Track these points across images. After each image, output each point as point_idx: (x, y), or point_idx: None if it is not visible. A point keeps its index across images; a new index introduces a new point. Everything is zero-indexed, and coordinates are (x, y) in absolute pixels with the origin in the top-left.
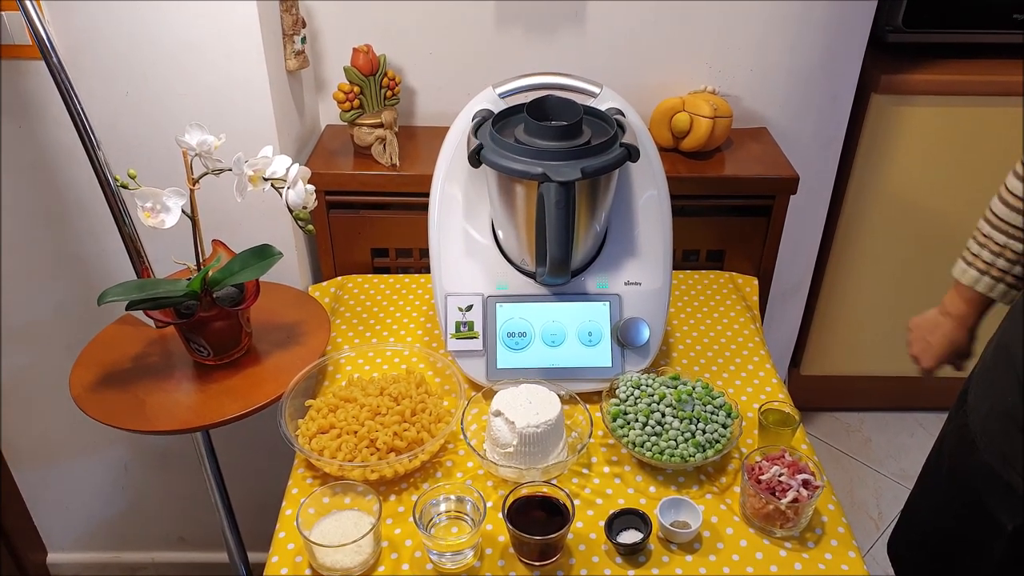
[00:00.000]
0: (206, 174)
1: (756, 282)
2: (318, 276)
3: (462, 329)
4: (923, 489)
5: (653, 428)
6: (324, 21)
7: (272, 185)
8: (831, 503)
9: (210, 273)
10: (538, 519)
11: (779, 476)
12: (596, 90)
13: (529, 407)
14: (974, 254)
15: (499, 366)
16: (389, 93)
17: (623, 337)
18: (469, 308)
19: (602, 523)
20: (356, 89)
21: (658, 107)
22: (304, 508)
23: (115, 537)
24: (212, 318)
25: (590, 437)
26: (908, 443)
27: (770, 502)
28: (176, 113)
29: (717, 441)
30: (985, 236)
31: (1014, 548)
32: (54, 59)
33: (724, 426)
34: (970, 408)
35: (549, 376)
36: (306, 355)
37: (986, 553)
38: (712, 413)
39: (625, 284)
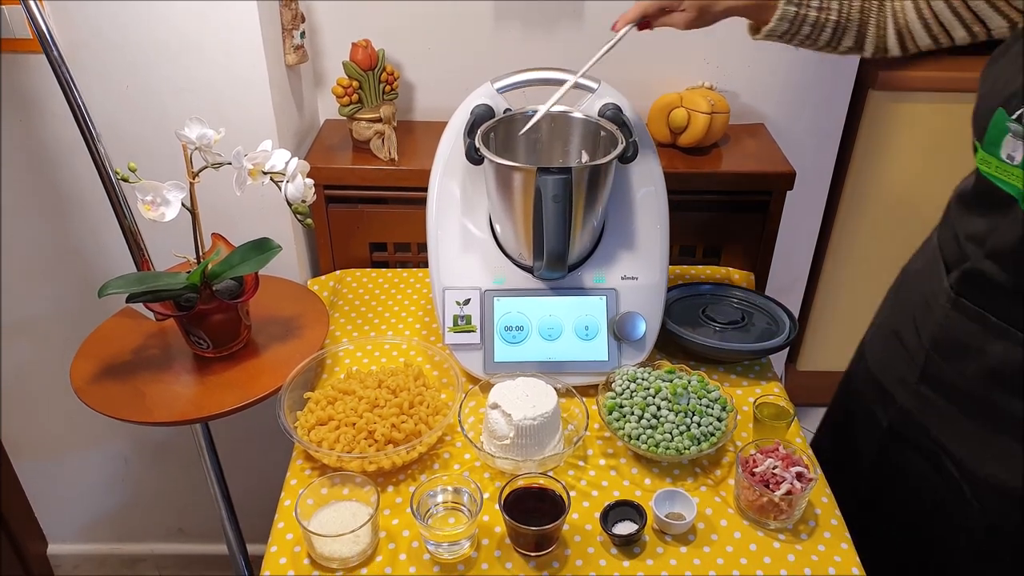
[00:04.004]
0: (206, 168)
1: (753, 277)
2: (317, 270)
3: (460, 323)
4: (833, 398)
5: (649, 421)
6: (323, 16)
7: (271, 179)
8: (824, 496)
9: (210, 266)
10: (534, 510)
11: (773, 469)
12: (594, 85)
13: (526, 400)
14: None
15: (496, 359)
16: (388, 88)
17: (620, 331)
18: (467, 302)
19: (598, 514)
20: (355, 84)
21: (656, 103)
22: (303, 499)
23: (115, 529)
24: (211, 311)
25: (586, 430)
26: None
27: (764, 494)
28: (176, 107)
29: (712, 434)
30: None
31: (887, 442)
32: (55, 52)
33: (719, 419)
34: (872, 324)
35: (546, 369)
36: (305, 348)
37: (868, 445)
38: (707, 407)
39: (622, 279)
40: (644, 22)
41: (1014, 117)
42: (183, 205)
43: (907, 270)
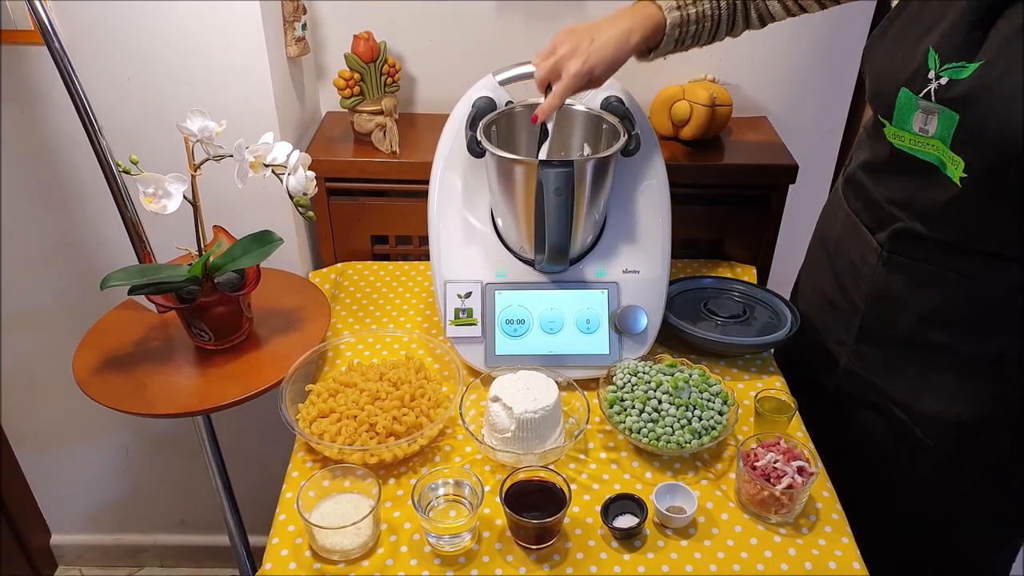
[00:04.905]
0: (207, 160)
1: (755, 271)
2: (318, 263)
3: (461, 316)
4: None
5: (650, 415)
6: (325, 8)
7: (273, 171)
8: (826, 490)
9: (211, 259)
10: (535, 503)
11: (774, 463)
12: None
13: (527, 393)
14: None
15: (497, 353)
16: (389, 80)
17: (621, 325)
18: (468, 295)
19: (598, 508)
20: (356, 76)
21: (658, 95)
22: (304, 491)
23: (117, 519)
24: (213, 303)
25: (587, 423)
26: None
27: (765, 488)
28: (177, 99)
29: (713, 428)
30: None
31: (836, 405)
32: (56, 44)
33: (720, 413)
34: (799, 297)
35: (547, 363)
36: (306, 340)
37: (817, 413)
38: (708, 400)
39: (623, 272)
40: None
41: (921, 96)
42: (185, 197)
43: (823, 241)
